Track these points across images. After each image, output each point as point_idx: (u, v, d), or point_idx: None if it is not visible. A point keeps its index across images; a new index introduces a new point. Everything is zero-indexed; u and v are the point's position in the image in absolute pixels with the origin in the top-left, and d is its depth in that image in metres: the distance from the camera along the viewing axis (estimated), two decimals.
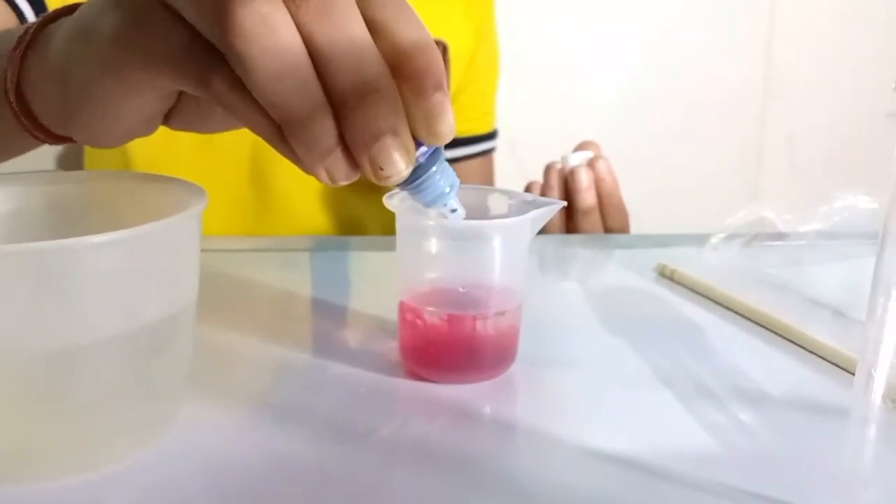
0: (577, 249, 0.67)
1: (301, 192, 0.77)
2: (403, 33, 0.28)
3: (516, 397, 0.40)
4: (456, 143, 0.85)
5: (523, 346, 0.42)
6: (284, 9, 0.27)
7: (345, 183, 0.29)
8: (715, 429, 0.36)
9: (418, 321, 0.40)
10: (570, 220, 0.71)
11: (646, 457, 0.34)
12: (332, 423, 0.36)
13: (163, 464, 0.32)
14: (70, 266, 0.28)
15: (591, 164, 0.71)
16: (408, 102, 0.28)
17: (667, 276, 0.57)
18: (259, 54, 0.26)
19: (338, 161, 0.28)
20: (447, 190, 0.32)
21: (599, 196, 0.70)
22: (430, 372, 0.40)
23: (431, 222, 0.40)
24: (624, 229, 0.73)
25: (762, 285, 0.56)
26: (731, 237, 0.61)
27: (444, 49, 0.77)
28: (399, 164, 0.28)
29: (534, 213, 0.39)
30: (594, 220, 0.70)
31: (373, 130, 0.27)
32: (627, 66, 1.36)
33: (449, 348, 0.40)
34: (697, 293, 0.54)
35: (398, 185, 0.30)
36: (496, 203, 0.42)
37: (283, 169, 0.75)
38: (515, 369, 0.42)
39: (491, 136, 0.89)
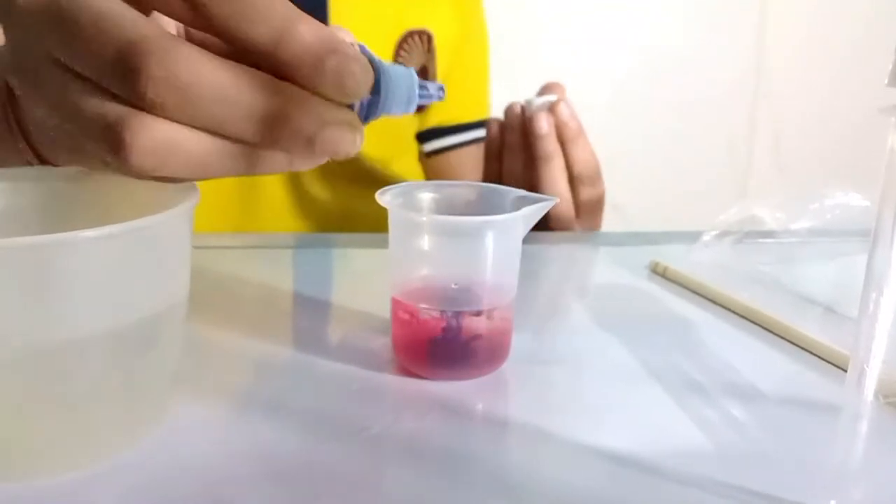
0: (570, 246, 0.67)
1: (290, 187, 0.77)
2: (254, 33, 0.27)
3: (508, 394, 0.40)
4: (449, 130, 0.85)
5: (516, 342, 0.42)
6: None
7: (357, 149, 0.28)
8: (707, 425, 0.36)
9: (411, 318, 0.40)
10: (531, 168, 0.67)
11: (637, 453, 0.34)
12: (323, 420, 0.36)
13: (150, 462, 0.32)
14: (60, 261, 0.28)
15: (552, 108, 0.66)
16: (313, 84, 0.27)
17: (659, 273, 0.57)
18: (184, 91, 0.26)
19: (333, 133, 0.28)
20: (410, 90, 0.30)
21: (563, 142, 0.66)
22: (423, 369, 0.40)
23: (424, 219, 0.40)
24: (593, 177, 0.68)
25: (754, 282, 0.56)
26: (723, 234, 0.61)
27: (428, 38, 0.77)
28: (344, 142, 0.28)
29: (526, 209, 0.39)
30: (557, 167, 0.66)
31: (303, 139, 0.27)
32: (618, 66, 1.36)
33: (441, 345, 0.40)
34: (689, 290, 0.54)
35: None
36: (488, 199, 0.42)
37: None
38: (508, 366, 0.41)
39: (485, 123, 0.89)
